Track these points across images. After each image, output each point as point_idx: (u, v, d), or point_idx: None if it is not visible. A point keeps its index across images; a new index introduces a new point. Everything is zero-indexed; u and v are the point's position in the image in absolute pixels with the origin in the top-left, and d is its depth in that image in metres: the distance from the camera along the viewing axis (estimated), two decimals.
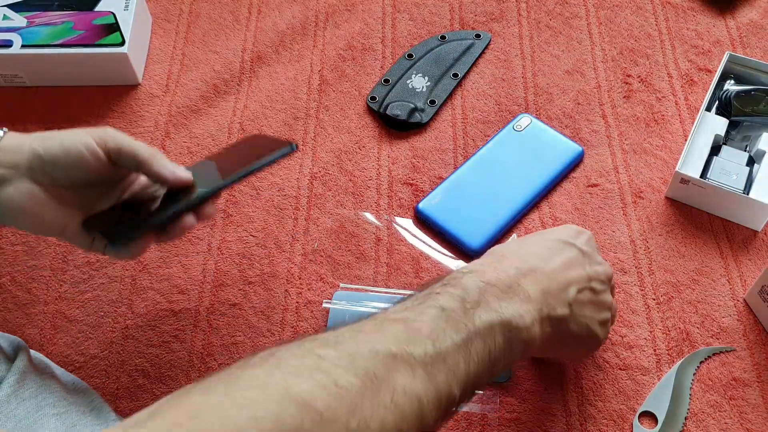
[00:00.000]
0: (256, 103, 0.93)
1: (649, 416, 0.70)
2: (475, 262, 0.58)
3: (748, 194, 0.79)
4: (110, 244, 0.60)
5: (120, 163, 0.60)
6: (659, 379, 0.72)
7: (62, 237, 0.60)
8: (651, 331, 0.75)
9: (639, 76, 0.93)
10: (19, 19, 0.92)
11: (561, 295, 0.57)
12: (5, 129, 0.59)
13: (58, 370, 0.66)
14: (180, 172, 0.60)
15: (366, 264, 0.80)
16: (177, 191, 0.61)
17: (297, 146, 0.63)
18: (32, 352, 0.65)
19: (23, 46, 0.90)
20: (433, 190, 0.84)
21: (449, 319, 0.48)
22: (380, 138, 0.90)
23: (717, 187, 0.79)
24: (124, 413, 0.68)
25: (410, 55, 0.96)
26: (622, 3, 1.01)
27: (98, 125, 0.91)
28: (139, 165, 0.60)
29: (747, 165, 0.82)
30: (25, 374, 0.59)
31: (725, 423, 0.70)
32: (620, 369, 0.73)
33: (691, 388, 0.71)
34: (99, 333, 0.76)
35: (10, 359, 0.60)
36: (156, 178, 0.60)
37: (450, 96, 0.93)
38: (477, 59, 0.96)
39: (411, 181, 0.86)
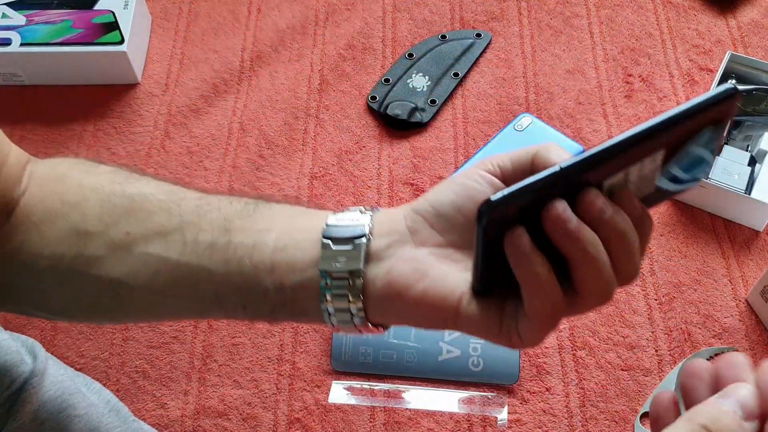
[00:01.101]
0: (256, 102, 0.92)
1: None
2: None
3: (749, 194, 0.79)
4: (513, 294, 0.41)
5: (517, 172, 0.43)
6: (661, 379, 0.72)
7: (458, 317, 0.41)
8: (653, 332, 0.75)
9: (640, 76, 0.93)
10: (18, 18, 0.92)
11: None
12: (379, 207, 0.47)
13: (70, 371, 0.65)
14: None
15: None
16: None
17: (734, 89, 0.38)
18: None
19: (22, 44, 0.90)
20: None
21: None
22: (381, 138, 0.89)
23: (719, 187, 0.79)
24: None
25: (411, 55, 0.96)
26: (622, 2, 1.00)
27: (97, 124, 0.91)
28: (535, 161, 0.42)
29: (749, 165, 0.81)
30: (44, 375, 0.58)
31: None
32: (622, 370, 0.72)
33: None
34: (99, 334, 0.75)
35: (31, 359, 0.59)
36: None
37: (451, 95, 0.92)
38: (478, 59, 0.95)
39: (412, 181, 0.85)
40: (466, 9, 1.00)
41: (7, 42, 0.90)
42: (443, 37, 0.97)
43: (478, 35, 0.97)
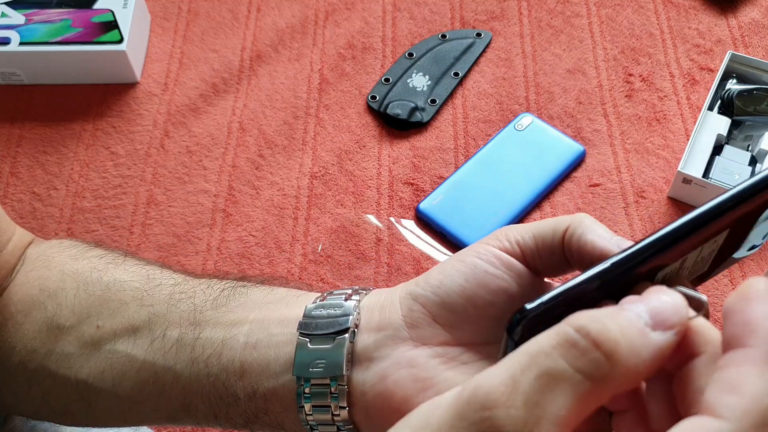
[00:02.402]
0: (256, 102, 0.92)
1: None
2: None
3: None
4: None
5: (542, 252, 0.36)
6: None
7: None
8: None
9: (641, 75, 0.93)
10: (17, 17, 0.92)
11: None
12: (370, 288, 0.40)
13: None
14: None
15: (366, 264, 0.79)
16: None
17: None
18: None
19: (21, 43, 0.90)
20: (434, 189, 0.83)
21: None
22: (381, 137, 0.89)
23: (719, 186, 0.79)
24: None
25: (411, 54, 0.95)
26: (623, 2, 1.00)
27: (96, 124, 0.91)
28: (571, 239, 0.36)
29: (749, 165, 0.81)
30: None
31: None
32: None
33: None
34: None
35: None
36: (586, 249, 0.35)
37: (451, 95, 0.92)
38: (478, 58, 0.95)
39: (412, 181, 0.85)
40: (466, 8, 1.00)
41: (6, 41, 0.90)
42: (443, 36, 0.97)
43: (479, 35, 0.97)
